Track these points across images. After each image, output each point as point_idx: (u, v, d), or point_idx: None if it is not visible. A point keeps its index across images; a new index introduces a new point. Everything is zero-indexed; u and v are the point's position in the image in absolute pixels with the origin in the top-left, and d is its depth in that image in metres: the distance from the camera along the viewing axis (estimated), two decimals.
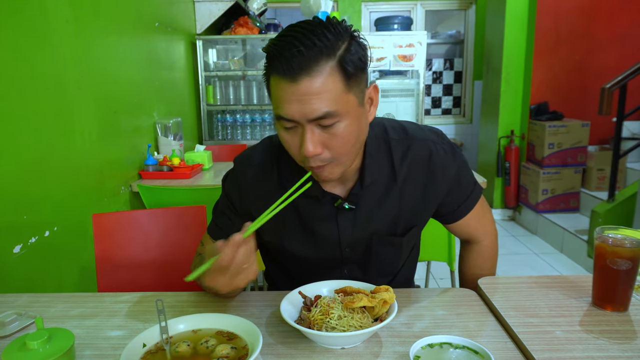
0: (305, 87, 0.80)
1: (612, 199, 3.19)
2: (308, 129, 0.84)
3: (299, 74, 0.80)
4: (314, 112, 0.82)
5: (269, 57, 0.84)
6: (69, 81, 1.85)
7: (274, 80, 0.84)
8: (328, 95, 0.81)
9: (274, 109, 0.87)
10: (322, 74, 0.80)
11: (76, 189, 1.88)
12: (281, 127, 0.88)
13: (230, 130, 3.80)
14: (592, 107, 3.86)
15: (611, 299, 0.94)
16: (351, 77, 0.84)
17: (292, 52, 0.80)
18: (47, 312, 1.03)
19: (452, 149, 1.05)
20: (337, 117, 0.84)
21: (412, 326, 0.93)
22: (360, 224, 1.04)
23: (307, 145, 0.84)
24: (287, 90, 0.81)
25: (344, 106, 0.84)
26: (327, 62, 0.81)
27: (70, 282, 1.81)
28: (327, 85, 0.81)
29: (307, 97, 0.81)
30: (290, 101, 0.82)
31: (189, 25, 3.46)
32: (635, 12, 3.93)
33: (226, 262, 0.80)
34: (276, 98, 0.85)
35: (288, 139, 0.88)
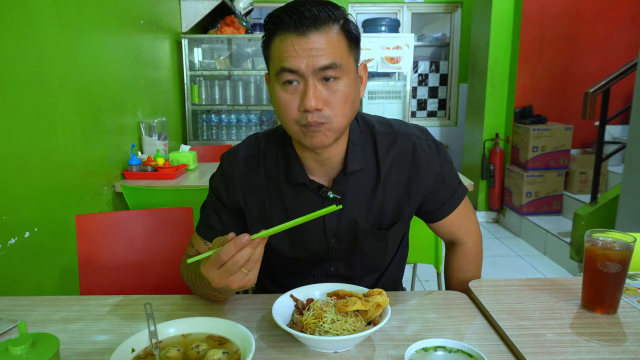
0: (314, 40, 0.86)
1: (594, 201, 3.24)
2: (311, 83, 0.87)
3: (309, 28, 0.86)
4: (321, 61, 0.86)
5: (273, 19, 0.89)
6: (51, 78, 1.80)
7: (279, 39, 0.88)
8: (334, 50, 0.87)
9: (275, 65, 0.90)
10: (329, 31, 0.87)
11: (57, 188, 1.84)
12: (280, 86, 0.90)
13: (215, 131, 3.76)
14: (575, 111, 3.93)
15: (601, 301, 0.95)
16: (352, 41, 0.91)
17: (302, 10, 0.85)
18: (29, 316, 1.00)
19: (436, 146, 1.08)
20: (340, 72, 0.89)
21: (405, 329, 0.93)
22: (346, 214, 1.05)
23: (310, 98, 0.87)
24: (296, 44, 0.86)
25: (346, 64, 0.90)
26: (334, 24, 0.88)
27: (50, 284, 1.77)
28: (333, 41, 0.88)
29: (315, 49, 0.86)
30: (297, 54, 0.86)
31: (174, 23, 3.42)
32: (616, 18, 4.02)
33: (224, 257, 0.80)
34: (281, 54, 0.88)
35: (287, 98, 0.90)
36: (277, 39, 0.89)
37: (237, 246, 0.79)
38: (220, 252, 0.80)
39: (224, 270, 0.81)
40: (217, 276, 0.82)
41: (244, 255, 0.80)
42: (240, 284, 0.83)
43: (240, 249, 0.79)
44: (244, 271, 0.82)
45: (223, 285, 0.83)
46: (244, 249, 0.80)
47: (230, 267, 0.80)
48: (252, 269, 0.82)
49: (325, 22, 0.87)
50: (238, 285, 0.83)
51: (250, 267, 0.82)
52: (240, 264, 0.80)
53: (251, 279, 0.83)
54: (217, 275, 0.82)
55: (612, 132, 4.08)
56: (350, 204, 1.05)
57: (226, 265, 0.80)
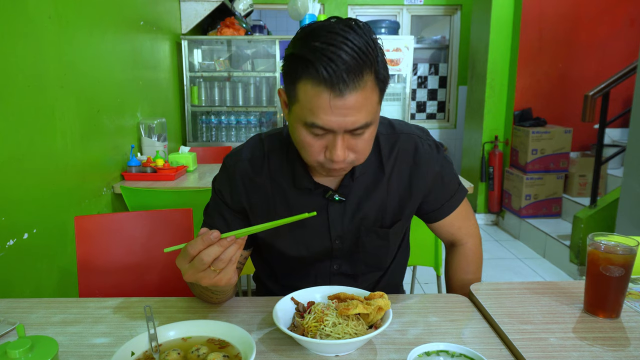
0: (351, 101, 0.81)
1: (594, 204, 3.23)
2: (340, 136, 0.86)
3: (347, 87, 0.80)
4: (355, 124, 0.84)
5: (302, 60, 0.81)
6: (50, 79, 1.79)
7: (311, 88, 0.81)
8: (368, 107, 0.84)
9: (304, 114, 0.84)
10: (366, 88, 0.82)
11: (56, 190, 1.83)
12: (307, 132, 0.87)
13: (214, 132, 3.75)
14: (574, 114, 3.94)
15: (603, 305, 0.94)
16: (383, 87, 0.87)
17: (339, 61, 0.78)
18: (28, 319, 0.99)
19: (436, 146, 1.09)
20: (370, 126, 0.87)
21: (406, 333, 0.92)
22: (350, 215, 1.05)
23: (338, 152, 0.86)
24: (332, 103, 0.81)
25: (376, 115, 0.88)
26: (370, 75, 0.82)
27: (49, 286, 1.76)
28: (368, 99, 0.83)
29: (351, 110, 0.82)
30: (331, 113, 0.82)
31: (174, 24, 3.41)
32: (614, 22, 4.02)
33: (191, 252, 0.78)
34: (312, 105, 0.82)
35: (313, 143, 0.88)
36: (309, 85, 0.81)
37: (204, 242, 0.77)
38: (188, 245, 0.78)
39: (192, 266, 0.79)
40: (187, 270, 0.80)
41: (210, 253, 0.77)
42: (210, 282, 0.80)
43: (207, 245, 0.77)
44: (213, 270, 0.79)
45: (193, 280, 0.81)
46: (211, 247, 0.77)
47: (196, 263, 0.78)
48: (222, 268, 0.79)
49: (362, 75, 0.80)
50: (208, 283, 0.80)
51: (219, 266, 0.79)
52: (206, 262, 0.77)
53: (223, 279, 0.80)
54: (188, 269, 0.80)
55: (611, 135, 4.08)
56: (355, 204, 1.05)
57: (194, 261, 0.78)
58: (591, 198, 3.27)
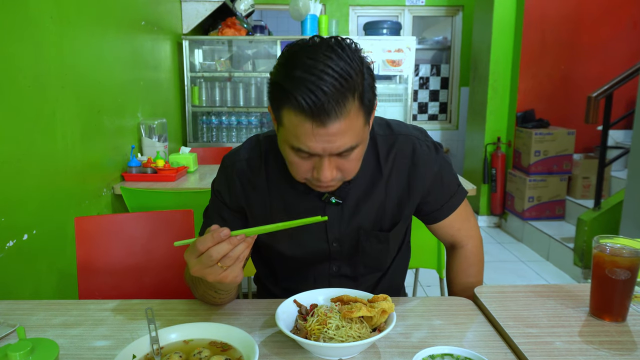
0: (334, 129, 0.81)
1: (598, 207, 3.21)
2: (327, 159, 0.86)
3: (329, 117, 0.80)
4: (339, 148, 0.84)
5: (283, 90, 0.81)
6: (51, 79, 1.79)
7: (294, 116, 0.81)
8: (352, 132, 0.84)
9: (288, 138, 0.85)
10: (348, 115, 0.82)
11: (56, 191, 1.82)
12: (294, 154, 0.88)
13: (215, 133, 3.74)
14: (577, 116, 3.92)
15: (609, 309, 0.93)
16: (369, 111, 0.87)
17: (320, 96, 0.78)
18: (28, 321, 0.98)
19: (434, 147, 1.09)
20: (356, 147, 0.87)
21: (410, 336, 0.91)
22: (347, 218, 1.05)
23: (326, 173, 0.87)
24: (314, 131, 0.81)
25: (362, 136, 0.88)
26: (353, 102, 0.82)
27: (48, 288, 1.75)
28: (352, 125, 0.83)
29: (335, 137, 0.82)
30: (315, 141, 0.83)
31: (175, 24, 3.41)
32: (617, 23, 4.01)
33: (200, 248, 0.78)
34: (296, 132, 0.83)
35: (300, 163, 0.89)
36: (292, 114, 0.82)
37: (214, 239, 0.78)
38: (197, 241, 0.79)
39: (200, 261, 0.79)
40: (194, 265, 0.81)
41: (220, 250, 0.78)
42: (216, 278, 0.81)
43: (217, 242, 0.78)
44: (220, 266, 0.80)
45: (199, 275, 0.82)
46: (221, 244, 0.78)
47: (204, 259, 0.78)
48: (229, 265, 0.80)
49: (344, 105, 0.80)
50: (214, 279, 0.81)
51: (227, 263, 0.79)
52: (214, 258, 0.78)
53: (229, 276, 0.81)
54: (195, 263, 0.80)
55: (615, 137, 4.06)
56: (353, 207, 1.05)
57: (202, 257, 0.79)
58: (595, 200, 3.25)
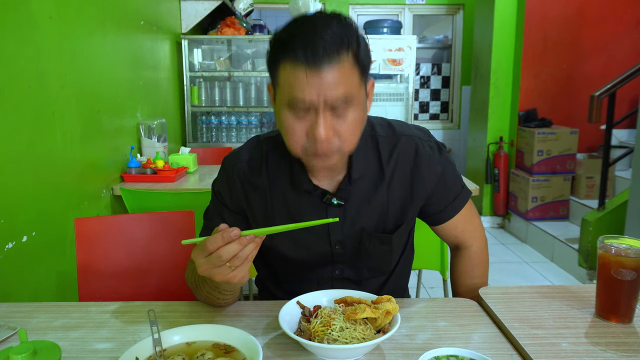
0: (327, 74, 0.83)
1: (602, 207, 3.18)
2: (322, 113, 0.86)
3: (323, 62, 0.82)
4: (334, 95, 0.84)
5: (282, 44, 0.85)
6: (51, 79, 1.78)
7: (290, 67, 0.84)
8: (347, 82, 0.85)
9: (284, 92, 0.87)
10: (343, 64, 0.84)
11: (55, 191, 1.81)
12: (288, 110, 0.88)
13: (215, 133, 3.73)
14: (580, 115, 3.89)
15: (615, 310, 0.92)
16: (364, 69, 0.89)
17: (316, 40, 0.82)
18: (29, 323, 0.97)
19: (438, 147, 1.08)
20: (351, 103, 0.87)
21: (415, 338, 0.90)
22: (350, 220, 1.04)
23: (320, 130, 0.86)
24: (309, 78, 0.83)
25: (358, 94, 0.88)
26: (347, 56, 0.85)
27: (48, 290, 1.74)
28: (346, 76, 0.85)
29: (329, 84, 0.83)
30: (310, 86, 0.83)
31: (174, 24, 3.40)
32: (619, 21, 4.00)
33: (210, 248, 0.78)
34: (291, 83, 0.85)
35: (295, 126, 0.88)
36: (288, 65, 0.85)
37: (224, 239, 0.77)
38: (207, 240, 0.78)
39: (209, 261, 0.79)
40: (203, 264, 0.80)
41: (229, 251, 0.77)
42: (224, 278, 0.80)
43: (227, 242, 0.77)
44: (229, 266, 0.79)
45: (207, 275, 0.81)
46: (231, 244, 0.77)
47: (214, 259, 0.78)
48: (238, 266, 0.79)
49: (338, 53, 0.83)
50: (221, 279, 0.80)
51: (236, 263, 0.79)
52: (224, 259, 0.77)
53: (237, 276, 0.81)
54: (204, 263, 0.80)
55: (618, 136, 4.03)
56: (355, 210, 1.04)
57: (211, 256, 0.78)
58: (599, 200, 3.21)
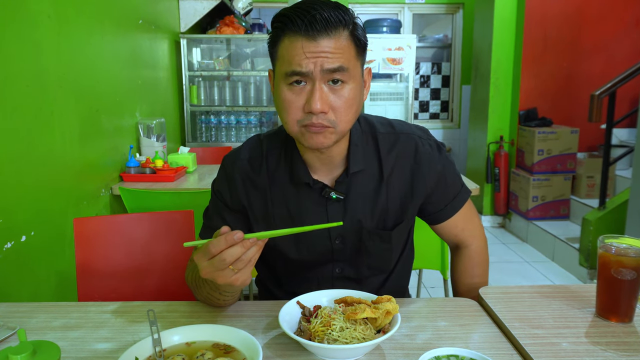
0: (324, 44, 0.87)
1: (603, 206, 3.17)
2: (317, 85, 0.88)
3: (320, 33, 0.86)
4: (331, 63, 0.87)
5: (282, 19, 0.89)
6: (50, 79, 1.77)
7: (289, 40, 0.88)
8: (343, 54, 0.88)
9: (283, 66, 0.90)
10: (339, 37, 0.88)
11: (54, 191, 1.80)
12: (286, 85, 0.90)
13: (214, 132, 3.72)
14: (580, 114, 3.89)
15: (616, 310, 0.92)
16: (360, 47, 0.92)
17: (314, 14, 0.85)
18: (28, 323, 0.97)
19: (437, 146, 1.09)
20: (347, 76, 0.89)
21: (415, 338, 0.90)
22: (350, 215, 1.05)
23: (316, 101, 0.87)
24: (306, 48, 0.86)
25: (353, 69, 0.91)
26: (344, 30, 0.89)
27: (47, 290, 1.73)
28: (342, 46, 0.88)
29: (325, 52, 0.87)
30: (307, 57, 0.86)
31: (173, 23, 3.39)
32: (619, 21, 3.99)
33: (213, 251, 0.78)
34: (290, 56, 0.88)
35: (292, 97, 0.90)
36: (286, 39, 0.89)
37: (227, 242, 0.77)
38: (210, 243, 0.78)
39: (212, 264, 0.79)
40: (205, 267, 0.80)
41: (233, 254, 0.77)
42: (227, 281, 0.80)
43: (230, 246, 0.77)
44: (232, 269, 0.79)
45: (210, 278, 0.81)
46: (234, 247, 0.77)
47: (216, 262, 0.78)
48: (241, 269, 0.79)
49: (335, 26, 0.87)
50: (224, 281, 0.80)
51: (239, 266, 0.79)
52: (227, 262, 0.77)
53: (239, 279, 0.81)
54: (206, 266, 0.80)
55: (618, 136, 4.02)
56: (355, 205, 1.04)
57: (214, 259, 0.78)
58: (600, 200, 3.21)
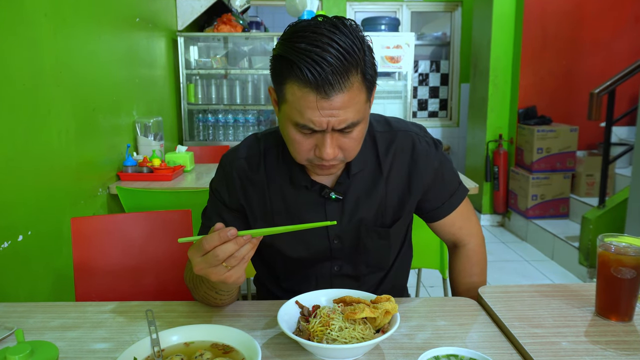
0: (338, 102, 0.83)
1: (602, 205, 3.16)
2: (329, 135, 0.87)
3: (333, 89, 0.81)
4: (342, 123, 0.85)
5: (287, 61, 0.82)
6: (46, 77, 1.76)
7: (298, 89, 0.83)
8: (356, 107, 0.85)
9: (291, 113, 0.86)
10: (352, 88, 0.83)
11: (51, 190, 1.79)
12: (296, 131, 0.88)
13: (211, 131, 3.71)
14: (579, 112, 3.88)
15: (616, 308, 0.92)
16: (370, 87, 0.89)
17: (323, 64, 0.79)
18: (25, 323, 0.97)
19: (434, 143, 1.09)
20: (358, 124, 0.88)
21: (414, 337, 0.90)
22: (348, 215, 1.05)
23: (328, 150, 0.87)
24: (319, 104, 0.82)
25: (364, 114, 0.89)
26: (356, 76, 0.84)
27: (45, 289, 1.72)
28: (355, 99, 0.85)
29: (338, 110, 0.83)
30: (319, 114, 0.83)
31: (170, 21, 3.38)
32: (618, 18, 3.99)
33: (206, 247, 0.78)
34: (300, 106, 0.84)
35: (302, 141, 0.89)
36: (295, 87, 0.83)
37: (220, 238, 0.77)
38: (204, 239, 0.78)
39: (205, 260, 0.79)
40: (199, 263, 0.80)
41: (226, 250, 0.77)
42: (219, 278, 0.80)
43: (223, 242, 0.77)
44: (225, 266, 0.79)
45: (203, 274, 0.81)
46: (227, 243, 0.77)
47: (210, 258, 0.78)
48: (234, 266, 0.79)
49: (347, 77, 0.81)
50: (217, 278, 0.80)
51: (232, 263, 0.79)
52: (220, 258, 0.77)
53: (233, 276, 0.80)
54: (199, 261, 0.80)
55: (618, 134, 4.01)
56: (353, 204, 1.04)
57: (207, 255, 0.78)
58: (599, 198, 3.20)
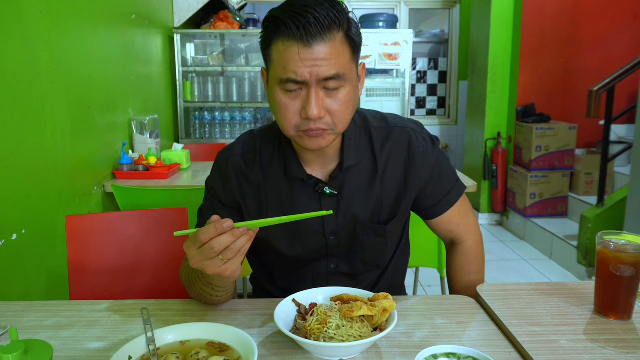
0: (319, 50, 0.85)
1: (601, 203, 3.15)
2: (313, 91, 0.87)
3: (315, 38, 0.84)
4: (326, 72, 0.86)
5: (275, 22, 0.86)
6: (41, 74, 1.74)
7: (282, 44, 0.86)
8: (339, 59, 0.87)
9: (278, 71, 0.88)
10: (334, 40, 0.86)
11: (46, 188, 1.78)
12: (281, 90, 0.89)
13: (208, 129, 3.70)
14: (578, 110, 3.87)
15: (614, 307, 0.92)
16: (355, 48, 0.91)
17: (308, 18, 0.83)
18: (19, 322, 0.96)
19: (431, 139, 1.09)
20: (343, 81, 0.88)
21: (412, 336, 0.89)
22: (344, 211, 1.04)
23: (313, 108, 0.87)
24: (301, 54, 0.85)
25: (349, 73, 0.90)
26: (339, 31, 0.87)
27: (38, 289, 1.71)
28: (337, 51, 0.87)
29: (320, 60, 0.85)
30: (302, 64, 0.85)
31: (166, 18, 3.36)
32: (617, 16, 3.99)
33: (202, 239, 0.77)
34: (284, 61, 0.86)
35: (288, 103, 0.89)
36: (280, 42, 0.87)
37: (217, 230, 0.76)
38: (199, 231, 0.77)
39: (201, 252, 0.78)
40: (195, 256, 0.79)
41: (222, 242, 0.76)
42: (216, 271, 0.79)
43: (219, 234, 0.76)
44: (221, 259, 0.78)
45: (199, 267, 0.80)
46: (223, 235, 0.77)
47: (206, 250, 0.77)
48: (231, 258, 0.78)
49: (330, 29, 0.85)
50: (213, 271, 0.79)
51: (228, 256, 0.78)
52: (216, 250, 0.77)
53: (229, 269, 0.79)
54: (195, 254, 0.79)
55: (617, 132, 4.00)
56: (349, 200, 1.04)
57: (203, 248, 0.77)
58: (598, 197, 3.18)
